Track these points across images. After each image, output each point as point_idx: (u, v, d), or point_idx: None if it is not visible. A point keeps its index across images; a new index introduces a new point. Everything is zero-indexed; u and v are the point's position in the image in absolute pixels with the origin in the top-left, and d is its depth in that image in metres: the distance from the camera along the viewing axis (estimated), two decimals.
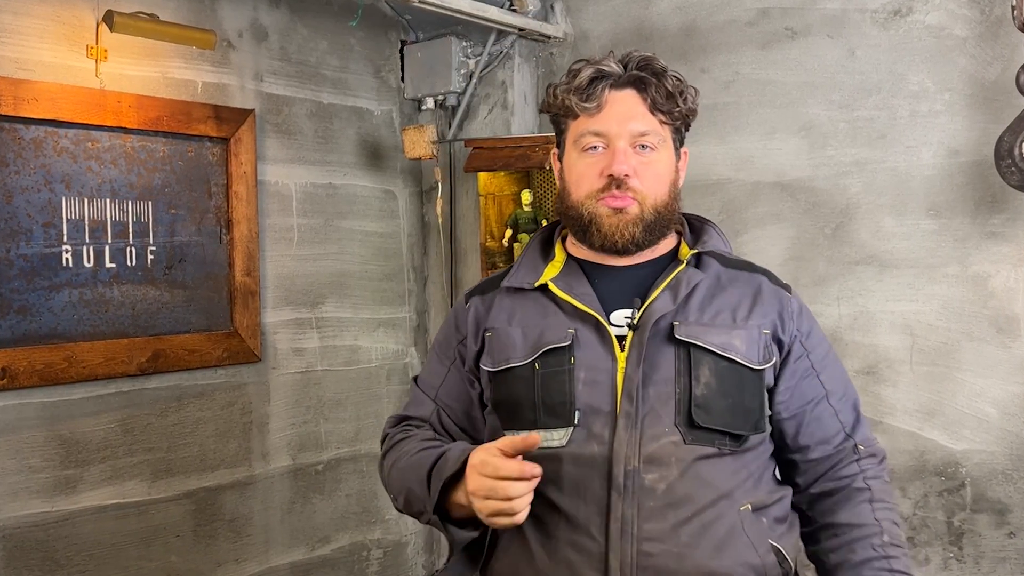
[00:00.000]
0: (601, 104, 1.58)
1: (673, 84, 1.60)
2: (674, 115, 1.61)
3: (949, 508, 2.65)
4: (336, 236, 3.45)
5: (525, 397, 1.56)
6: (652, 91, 1.58)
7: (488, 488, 1.40)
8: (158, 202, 2.92)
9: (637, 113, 1.58)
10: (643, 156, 1.58)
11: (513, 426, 1.58)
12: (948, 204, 2.64)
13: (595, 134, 1.58)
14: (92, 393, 2.79)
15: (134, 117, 2.81)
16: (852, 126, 2.79)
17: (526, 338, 1.59)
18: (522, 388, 1.57)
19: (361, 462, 3.54)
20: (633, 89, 1.59)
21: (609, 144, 1.57)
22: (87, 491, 2.78)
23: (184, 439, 3.01)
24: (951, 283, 2.64)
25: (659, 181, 1.60)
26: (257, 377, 3.21)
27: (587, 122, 1.59)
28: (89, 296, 2.76)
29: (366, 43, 3.55)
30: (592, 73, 1.59)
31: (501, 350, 1.61)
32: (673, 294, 1.57)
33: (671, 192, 1.62)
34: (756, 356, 1.56)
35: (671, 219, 1.64)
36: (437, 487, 1.49)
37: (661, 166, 1.60)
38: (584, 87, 1.59)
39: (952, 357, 2.64)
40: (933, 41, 2.65)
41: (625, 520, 1.47)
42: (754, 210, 2.96)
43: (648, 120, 1.59)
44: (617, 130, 1.57)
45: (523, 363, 1.58)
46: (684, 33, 3.11)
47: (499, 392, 1.61)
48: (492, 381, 1.62)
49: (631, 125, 1.57)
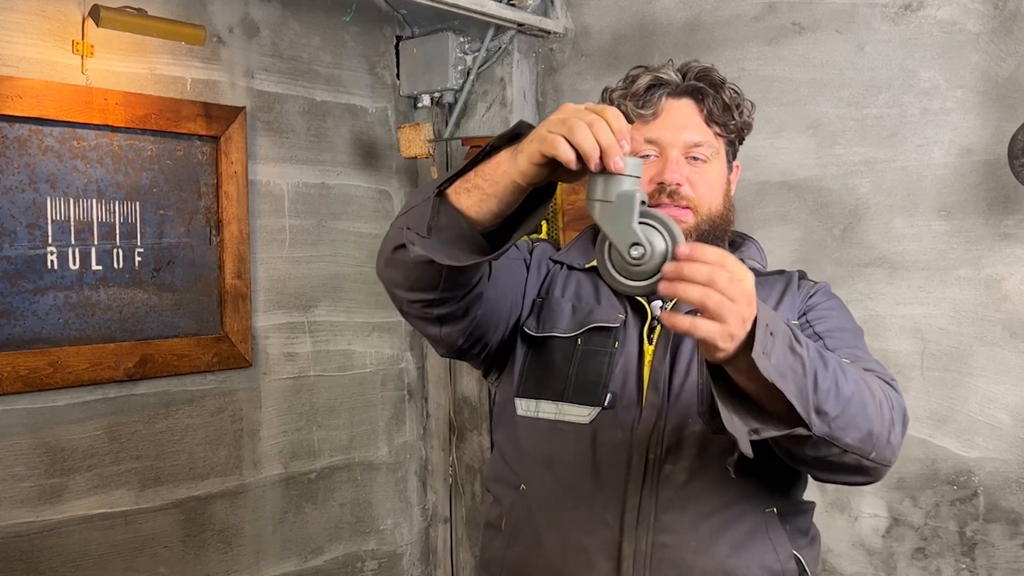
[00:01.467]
0: (657, 112, 1.60)
1: (731, 96, 1.62)
2: (729, 128, 1.63)
3: (961, 518, 2.64)
4: (329, 237, 3.44)
5: (560, 368, 1.57)
6: (709, 102, 1.60)
7: (575, 116, 1.18)
8: (146, 202, 2.91)
9: (693, 123, 1.60)
10: (695, 167, 1.60)
11: (533, 394, 1.58)
12: (960, 204, 2.63)
13: (648, 141, 1.59)
14: (78, 399, 2.78)
15: (121, 115, 2.81)
16: (861, 124, 2.78)
17: (575, 312, 1.61)
18: (559, 359, 1.57)
19: (355, 470, 3.53)
20: (690, 99, 1.61)
21: (662, 152, 1.59)
22: (73, 500, 2.77)
23: (173, 447, 3.00)
24: (963, 286, 2.63)
25: (713, 191, 1.61)
26: (248, 383, 3.20)
27: (641, 129, 1.60)
28: (75, 299, 2.76)
29: (360, 39, 3.55)
30: (650, 80, 1.61)
31: (548, 317, 1.62)
32: None
33: (726, 203, 1.64)
34: None
35: (726, 230, 1.65)
36: (460, 166, 1.31)
37: (714, 177, 1.61)
38: (641, 93, 1.60)
39: (964, 362, 2.64)
40: (945, 36, 2.65)
41: (642, 509, 1.47)
42: (760, 211, 2.96)
43: (703, 131, 1.61)
44: (671, 138, 1.59)
45: (567, 335, 1.59)
46: (688, 28, 3.11)
47: (533, 357, 1.62)
48: (530, 345, 1.62)
49: (685, 135, 1.59)
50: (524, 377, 1.61)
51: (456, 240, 1.29)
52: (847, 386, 1.26)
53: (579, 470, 1.52)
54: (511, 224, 1.30)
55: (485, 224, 1.29)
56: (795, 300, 1.62)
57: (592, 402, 1.53)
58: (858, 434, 1.29)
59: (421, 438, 3.81)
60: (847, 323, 1.64)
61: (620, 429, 1.51)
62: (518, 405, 1.60)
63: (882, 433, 1.33)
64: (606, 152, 1.15)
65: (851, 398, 1.26)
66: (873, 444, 1.32)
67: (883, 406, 1.34)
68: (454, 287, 1.39)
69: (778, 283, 1.65)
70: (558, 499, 1.53)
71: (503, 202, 1.26)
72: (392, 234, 1.38)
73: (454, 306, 1.43)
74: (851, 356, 1.51)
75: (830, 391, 1.24)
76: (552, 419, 1.55)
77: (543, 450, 1.55)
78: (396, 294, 1.44)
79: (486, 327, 1.54)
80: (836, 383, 1.25)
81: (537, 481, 1.56)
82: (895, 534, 2.75)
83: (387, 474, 3.68)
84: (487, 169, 1.27)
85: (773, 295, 1.62)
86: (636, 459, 1.49)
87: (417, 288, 1.39)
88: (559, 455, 1.53)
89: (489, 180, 1.26)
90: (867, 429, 1.30)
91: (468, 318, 1.48)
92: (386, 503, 3.67)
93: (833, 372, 1.25)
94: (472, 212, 1.27)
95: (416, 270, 1.35)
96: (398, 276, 1.40)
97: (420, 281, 1.38)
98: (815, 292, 1.65)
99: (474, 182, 1.27)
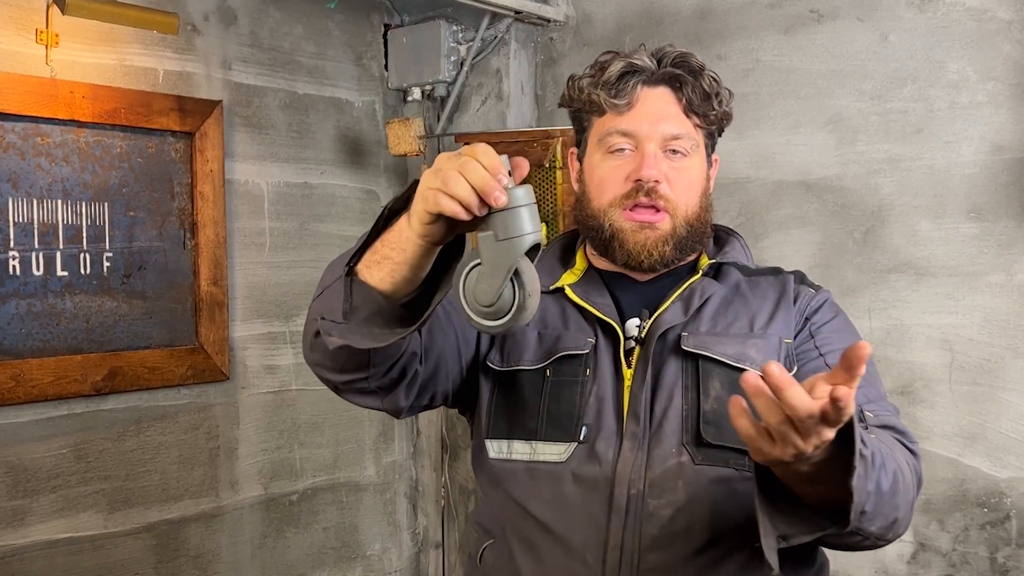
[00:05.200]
0: (632, 101, 1.57)
1: (710, 84, 1.60)
2: (709, 118, 1.61)
3: (992, 543, 2.64)
4: (312, 241, 3.44)
5: (530, 404, 1.56)
6: (688, 91, 1.58)
7: (446, 165, 1.22)
8: (115, 203, 2.91)
9: (670, 114, 1.58)
10: (674, 162, 1.58)
11: (504, 434, 1.58)
12: (991, 205, 2.63)
13: (623, 134, 1.57)
14: (42, 415, 2.77)
15: (88, 109, 2.81)
16: (884, 119, 2.79)
17: (542, 340, 1.60)
18: (528, 393, 1.57)
19: (340, 492, 3.53)
20: (667, 87, 1.59)
21: (638, 146, 1.57)
22: (36, 524, 2.77)
23: (144, 466, 2.99)
24: (994, 293, 2.63)
25: (691, 190, 1.59)
26: (225, 397, 3.20)
27: (614, 120, 1.58)
28: (38, 308, 2.75)
29: (346, 27, 3.55)
30: (623, 67, 1.58)
31: (513, 349, 1.61)
32: (685, 305, 1.57)
33: (703, 202, 1.62)
34: None
35: (703, 232, 1.63)
36: (364, 237, 1.35)
37: (693, 173, 1.60)
38: (614, 82, 1.58)
39: (996, 375, 2.63)
40: (975, 25, 2.65)
41: (625, 548, 1.46)
42: (776, 212, 2.96)
43: (682, 122, 1.58)
44: (648, 131, 1.56)
45: (534, 367, 1.58)
46: (698, 15, 3.11)
47: (500, 394, 1.61)
48: (495, 382, 1.62)
49: (663, 127, 1.57)
50: (493, 417, 1.60)
51: (373, 317, 1.31)
52: (887, 480, 1.27)
53: (557, 510, 1.51)
54: (428, 287, 1.33)
55: (400, 294, 1.31)
56: (790, 314, 1.60)
57: (566, 438, 1.52)
58: (884, 523, 1.30)
59: (411, 457, 3.80)
60: (844, 331, 1.62)
61: (599, 463, 1.50)
62: (489, 447, 1.59)
63: (904, 518, 1.35)
64: (484, 193, 1.18)
65: (888, 492, 1.27)
66: (895, 531, 1.34)
67: (911, 489, 1.35)
68: (385, 359, 1.41)
69: (771, 291, 1.62)
70: (538, 540, 1.52)
71: (415, 267, 1.29)
72: (311, 319, 1.40)
73: (389, 374, 1.44)
74: (873, 405, 1.50)
75: (873, 491, 1.24)
76: (527, 460, 1.54)
77: (520, 492, 1.55)
78: (327, 377, 1.46)
79: (434, 378, 1.54)
80: (879, 480, 1.25)
81: (516, 522, 1.55)
82: (921, 560, 2.74)
83: (374, 496, 3.67)
84: (391, 237, 1.29)
85: (766, 307, 1.59)
86: (617, 495, 1.47)
87: (347, 370, 1.42)
88: (536, 496, 1.52)
89: (396, 248, 1.28)
90: (893, 518, 1.31)
91: (406, 379, 1.48)
92: (373, 527, 3.67)
93: (879, 468, 1.25)
94: (386, 285, 1.30)
95: (342, 353, 1.36)
96: (325, 360, 1.41)
97: (349, 363, 1.40)
98: (819, 307, 1.62)
99: (382, 253, 1.30)
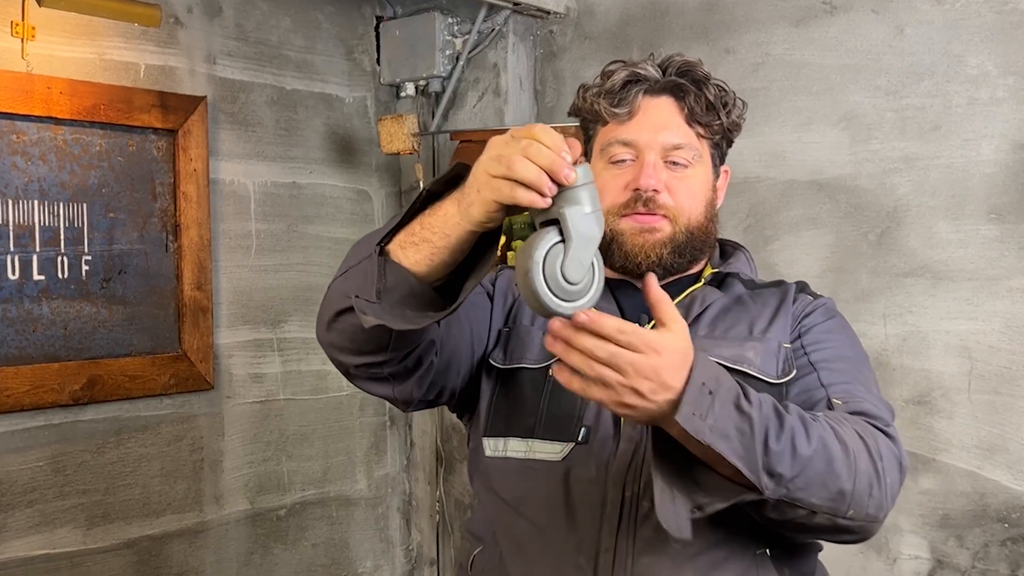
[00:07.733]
0: (633, 111, 1.62)
1: (715, 94, 1.63)
2: (714, 128, 1.64)
3: (1014, 559, 2.64)
4: (301, 243, 3.44)
5: (529, 402, 1.59)
6: (691, 100, 1.62)
7: (507, 150, 1.23)
8: (94, 204, 2.91)
9: (672, 123, 1.62)
10: (675, 172, 1.61)
11: (500, 432, 1.61)
12: (1012, 206, 2.64)
13: (623, 143, 1.61)
14: (17, 426, 2.77)
15: (66, 105, 2.81)
16: (900, 116, 2.79)
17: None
18: (528, 392, 1.60)
19: (330, 506, 3.53)
20: (670, 96, 1.63)
21: (638, 155, 1.61)
22: (12, 540, 2.76)
23: (124, 479, 2.99)
24: (1016, 298, 2.64)
25: (693, 198, 1.62)
26: (209, 407, 3.20)
27: (616, 130, 1.62)
28: (14, 313, 2.75)
29: (336, 19, 3.55)
30: (626, 76, 1.63)
31: (516, 348, 1.64)
32: (685, 311, 1.60)
33: (707, 213, 1.65)
34: (773, 369, 1.57)
35: (706, 243, 1.66)
36: (398, 218, 1.37)
37: (696, 183, 1.63)
38: (616, 91, 1.62)
39: (1017, 384, 2.64)
40: (995, 17, 2.66)
41: (618, 551, 1.47)
42: (787, 213, 2.96)
43: (683, 132, 1.62)
44: (648, 140, 1.60)
45: (537, 366, 1.61)
46: (705, 7, 3.11)
47: (501, 392, 1.64)
48: (497, 379, 1.65)
49: (663, 136, 1.60)
50: (491, 415, 1.63)
51: (406, 299, 1.34)
52: (806, 444, 1.28)
53: (551, 511, 1.53)
54: (460, 272, 1.35)
55: (435, 278, 1.34)
56: (788, 319, 1.63)
57: (565, 438, 1.55)
58: (825, 493, 1.30)
59: (404, 470, 3.80)
60: (848, 350, 1.63)
61: (595, 465, 1.52)
62: (486, 445, 1.62)
63: (859, 489, 1.34)
64: (553, 172, 1.20)
65: (812, 456, 1.28)
66: (848, 502, 1.33)
67: (858, 459, 1.34)
68: (405, 344, 1.43)
69: (772, 299, 1.65)
70: (529, 543, 1.54)
71: (456, 252, 1.32)
72: (332, 298, 1.44)
73: (405, 361, 1.46)
74: (844, 393, 1.52)
75: (784, 451, 1.25)
76: (522, 458, 1.57)
77: (512, 492, 1.57)
78: (341, 359, 1.49)
79: (446, 372, 1.57)
80: (792, 442, 1.26)
81: (508, 525, 1.57)
82: None
83: (366, 510, 3.67)
84: (433, 221, 1.32)
85: (766, 313, 1.62)
86: (612, 497, 1.50)
87: (365, 352, 1.44)
88: (529, 496, 1.54)
89: (439, 233, 1.31)
90: (836, 487, 1.31)
91: (421, 369, 1.51)
92: (365, 543, 3.66)
93: (790, 430, 1.27)
94: (422, 267, 1.33)
95: (363, 334, 1.38)
96: (343, 341, 1.45)
97: (368, 344, 1.42)
98: (812, 311, 1.65)
99: (421, 235, 1.32)
